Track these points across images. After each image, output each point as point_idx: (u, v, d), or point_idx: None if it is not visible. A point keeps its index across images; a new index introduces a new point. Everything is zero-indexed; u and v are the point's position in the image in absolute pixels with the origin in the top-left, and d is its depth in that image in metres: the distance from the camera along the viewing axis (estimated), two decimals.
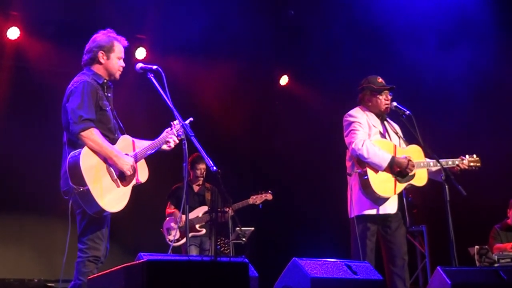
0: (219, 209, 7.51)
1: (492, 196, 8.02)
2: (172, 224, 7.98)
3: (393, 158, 5.50)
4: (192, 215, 7.96)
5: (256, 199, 8.02)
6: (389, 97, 5.78)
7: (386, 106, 5.76)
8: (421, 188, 5.69)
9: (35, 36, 8.59)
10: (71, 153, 4.55)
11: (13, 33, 8.39)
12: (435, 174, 5.75)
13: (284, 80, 10.60)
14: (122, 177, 4.66)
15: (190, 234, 7.86)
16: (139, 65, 4.89)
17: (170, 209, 8.13)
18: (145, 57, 9.01)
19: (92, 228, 4.61)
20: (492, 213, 8.22)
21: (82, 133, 4.52)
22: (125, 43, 4.93)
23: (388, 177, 5.53)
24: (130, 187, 4.72)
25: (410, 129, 5.63)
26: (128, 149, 4.80)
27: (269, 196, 8.05)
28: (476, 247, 7.89)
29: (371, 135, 5.66)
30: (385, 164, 5.47)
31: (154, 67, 4.84)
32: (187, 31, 8.78)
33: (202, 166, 8.11)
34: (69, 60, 8.00)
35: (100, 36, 4.87)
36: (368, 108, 5.80)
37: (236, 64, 9.69)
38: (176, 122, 4.92)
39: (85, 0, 8.22)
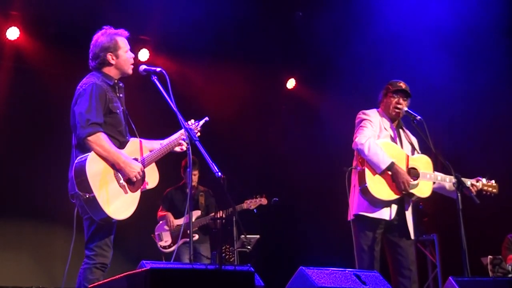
0: (213, 214, 7.46)
1: (506, 205, 7.82)
2: (165, 227, 7.87)
3: (392, 164, 5.32)
4: (184, 220, 7.74)
5: (250, 204, 7.84)
6: (402, 102, 5.62)
7: (396, 109, 5.61)
8: (432, 196, 5.51)
9: (35, 36, 8.53)
10: (78, 157, 4.48)
11: (13, 33, 8.33)
12: (448, 191, 5.60)
13: (291, 83, 10.49)
14: (130, 183, 4.57)
15: (182, 240, 7.66)
16: (142, 67, 4.82)
17: (162, 212, 7.97)
18: (148, 59, 8.94)
19: (101, 234, 4.53)
20: (505, 222, 8.08)
21: (89, 138, 4.44)
22: (126, 33, 4.86)
23: (388, 181, 5.35)
24: (138, 193, 4.63)
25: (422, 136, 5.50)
26: (137, 153, 4.71)
27: (264, 201, 7.85)
28: (489, 257, 7.81)
29: (380, 137, 5.52)
30: (383, 166, 5.30)
31: (158, 69, 4.75)
32: (192, 33, 8.70)
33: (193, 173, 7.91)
34: (69, 61, 7.97)
35: (101, 38, 4.77)
36: (384, 111, 5.68)
37: (243, 67, 9.61)
38: (191, 121, 4.88)
39: (86, 0, 8.10)
